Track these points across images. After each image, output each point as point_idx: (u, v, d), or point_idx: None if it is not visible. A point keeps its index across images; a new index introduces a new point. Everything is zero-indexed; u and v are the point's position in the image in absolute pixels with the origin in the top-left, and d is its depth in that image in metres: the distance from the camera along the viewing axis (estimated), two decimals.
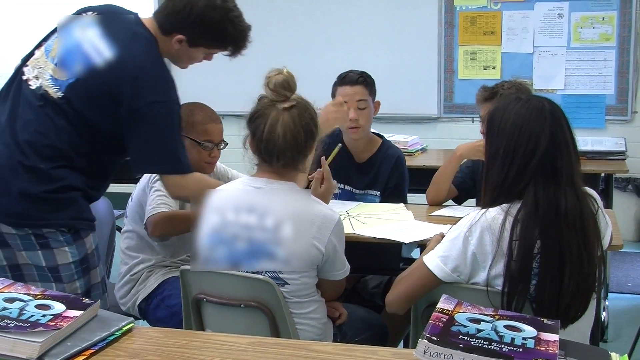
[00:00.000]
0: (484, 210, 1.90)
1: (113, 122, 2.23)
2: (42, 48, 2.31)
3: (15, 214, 2.18)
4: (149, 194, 2.65)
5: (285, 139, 2.06)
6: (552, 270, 1.82)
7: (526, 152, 1.86)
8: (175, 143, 2.28)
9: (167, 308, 2.69)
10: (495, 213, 1.88)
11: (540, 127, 1.87)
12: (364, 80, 3.17)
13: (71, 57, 2.24)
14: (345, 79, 3.17)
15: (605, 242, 1.98)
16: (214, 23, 2.30)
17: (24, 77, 2.26)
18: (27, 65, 2.29)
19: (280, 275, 2.07)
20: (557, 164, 1.87)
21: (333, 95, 3.18)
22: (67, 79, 2.22)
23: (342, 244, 2.14)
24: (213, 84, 5.40)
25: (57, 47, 2.27)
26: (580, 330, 1.91)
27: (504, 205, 1.88)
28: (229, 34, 2.33)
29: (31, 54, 2.32)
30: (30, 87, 2.24)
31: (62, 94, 2.21)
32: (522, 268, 1.82)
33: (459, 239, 1.90)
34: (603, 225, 1.95)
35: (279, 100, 2.09)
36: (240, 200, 2.08)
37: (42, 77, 2.24)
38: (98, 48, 2.23)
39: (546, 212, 1.83)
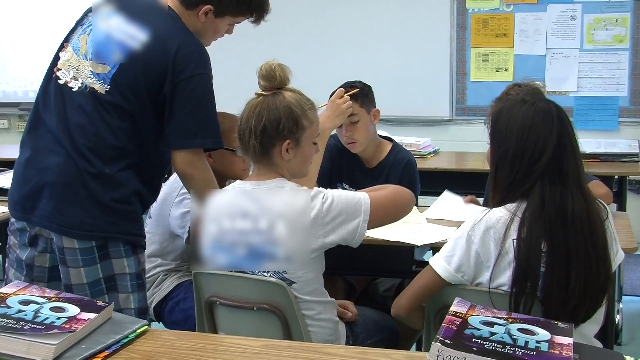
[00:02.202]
0: (487, 210, 1.93)
1: (158, 105, 2.21)
2: (69, 48, 2.27)
3: (84, 224, 2.15)
4: (178, 201, 2.65)
5: (240, 122, 2.14)
6: (559, 271, 1.83)
7: (534, 155, 1.88)
8: (214, 115, 2.27)
9: (182, 311, 2.70)
10: (499, 213, 1.90)
11: (547, 129, 1.89)
12: (352, 94, 3.04)
13: (105, 49, 2.21)
14: None
15: (617, 259, 1.97)
16: None
17: (61, 82, 2.22)
18: (59, 70, 2.24)
19: (286, 275, 2.08)
20: (563, 165, 1.89)
21: None
22: (109, 71, 2.19)
23: (342, 212, 2.07)
24: (224, 86, 5.42)
25: (85, 43, 2.24)
26: (585, 336, 1.90)
27: (509, 205, 1.90)
28: None
29: (57, 57, 2.28)
30: (72, 89, 2.20)
31: (109, 87, 2.18)
32: (529, 267, 1.83)
33: (462, 238, 1.92)
34: (612, 237, 1.94)
35: (263, 90, 2.15)
36: (234, 206, 2.08)
37: (81, 75, 2.20)
38: (130, 33, 2.21)
39: (552, 213, 1.85)
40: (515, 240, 1.85)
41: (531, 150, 1.88)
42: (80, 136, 2.16)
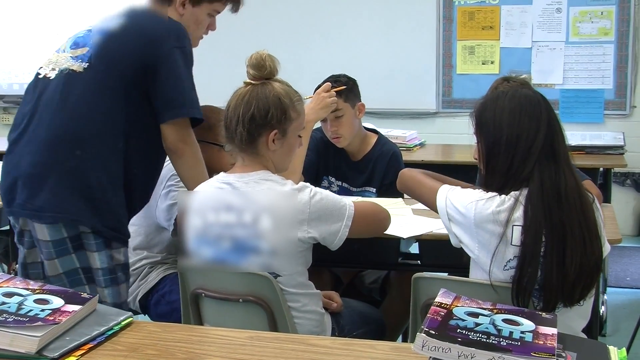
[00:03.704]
0: (492, 194, 1.92)
1: (140, 82, 2.23)
2: (53, 52, 2.34)
3: (52, 206, 2.16)
4: (165, 193, 2.64)
5: (227, 110, 2.14)
6: (557, 250, 1.84)
7: (529, 136, 1.90)
8: (194, 89, 2.31)
9: (167, 304, 2.69)
10: (504, 198, 1.90)
11: (537, 111, 1.93)
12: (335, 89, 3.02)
13: (84, 38, 2.28)
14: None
15: (604, 251, 1.98)
16: None
17: (40, 76, 2.28)
18: (40, 67, 2.31)
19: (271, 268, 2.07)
20: (555, 145, 1.92)
21: None
22: (87, 51, 2.24)
23: (326, 211, 2.07)
24: (207, 80, 5.40)
25: (65, 42, 2.32)
26: (573, 330, 1.91)
27: (513, 192, 1.90)
28: None
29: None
30: (50, 78, 2.24)
31: (87, 64, 2.22)
32: (533, 251, 1.84)
33: (465, 216, 1.94)
34: (600, 225, 1.95)
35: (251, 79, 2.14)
36: (218, 199, 2.08)
37: (59, 65, 2.25)
38: (107, 20, 2.27)
39: (550, 193, 1.87)
40: (518, 227, 1.86)
41: (526, 132, 1.90)
42: (53, 122, 2.19)
